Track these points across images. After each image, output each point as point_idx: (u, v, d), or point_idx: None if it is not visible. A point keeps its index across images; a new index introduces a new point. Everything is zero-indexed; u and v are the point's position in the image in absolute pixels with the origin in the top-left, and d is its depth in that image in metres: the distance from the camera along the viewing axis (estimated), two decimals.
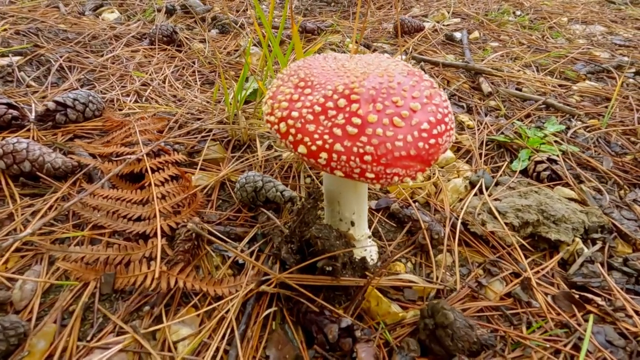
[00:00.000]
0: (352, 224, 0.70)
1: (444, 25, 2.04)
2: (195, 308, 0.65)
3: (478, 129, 1.17)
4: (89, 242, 0.73)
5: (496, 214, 0.82)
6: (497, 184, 0.95)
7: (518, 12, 2.31)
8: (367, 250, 0.75)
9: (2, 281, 0.63)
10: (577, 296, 0.67)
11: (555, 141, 1.07)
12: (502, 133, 1.14)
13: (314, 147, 0.51)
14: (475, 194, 0.91)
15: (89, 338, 0.57)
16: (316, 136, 0.51)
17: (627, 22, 2.25)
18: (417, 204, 0.88)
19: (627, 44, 1.86)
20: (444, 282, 0.71)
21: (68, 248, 0.68)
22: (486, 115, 1.25)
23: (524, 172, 1.01)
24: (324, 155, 0.50)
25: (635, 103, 1.27)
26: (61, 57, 1.42)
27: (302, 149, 0.52)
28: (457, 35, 1.85)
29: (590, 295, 0.68)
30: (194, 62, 1.58)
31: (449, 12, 2.22)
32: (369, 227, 0.85)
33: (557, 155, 1.00)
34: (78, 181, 0.86)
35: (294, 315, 0.63)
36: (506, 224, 0.80)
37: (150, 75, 1.42)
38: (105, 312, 0.61)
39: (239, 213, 0.84)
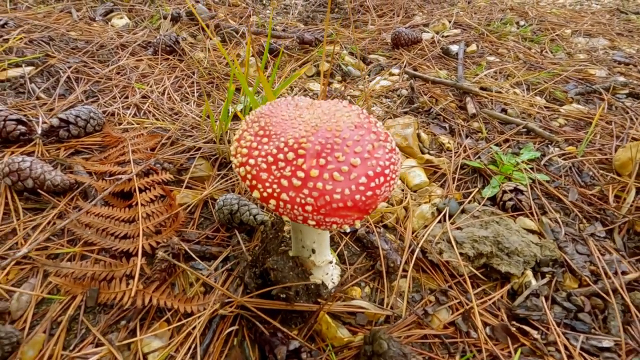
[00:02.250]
0: (313, 251, 0.77)
1: (443, 36, 2.06)
2: (168, 323, 0.73)
3: (456, 152, 1.21)
4: (80, 257, 0.82)
5: (454, 243, 0.88)
6: (463, 211, 1.00)
7: (522, 23, 2.30)
8: (329, 274, 0.82)
9: (2, 293, 0.73)
10: (514, 328, 0.73)
11: (526, 169, 1.10)
12: (479, 157, 1.18)
13: (265, 194, 0.58)
14: (440, 221, 0.96)
15: (71, 348, 0.66)
16: (267, 184, 0.58)
17: (634, 34, 2.21)
18: (382, 229, 0.94)
19: (627, 60, 1.84)
20: (394, 308, 0.77)
21: (60, 263, 0.78)
22: (467, 137, 1.29)
23: (494, 199, 1.05)
24: (272, 202, 0.57)
25: (618, 129, 1.28)
26: (70, 67, 1.51)
27: (256, 193, 0.59)
28: (454, 48, 1.87)
29: (528, 328, 0.73)
30: (193, 73, 1.66)
31: (450, 22, 2.23)
32: (337, 249, 0.91)
33: (525, 185, 1.05)
34: (75, 197, 0.95)
35: (253, 334, 0.71)
36: (462, 254, 0.86)
37: (150, 87, 1.50)
38: (88, 324, 0.70)
39: (217, 232, 0.92)
